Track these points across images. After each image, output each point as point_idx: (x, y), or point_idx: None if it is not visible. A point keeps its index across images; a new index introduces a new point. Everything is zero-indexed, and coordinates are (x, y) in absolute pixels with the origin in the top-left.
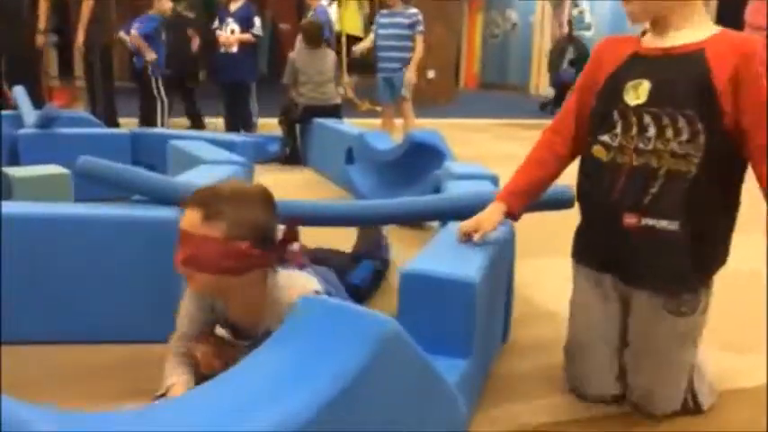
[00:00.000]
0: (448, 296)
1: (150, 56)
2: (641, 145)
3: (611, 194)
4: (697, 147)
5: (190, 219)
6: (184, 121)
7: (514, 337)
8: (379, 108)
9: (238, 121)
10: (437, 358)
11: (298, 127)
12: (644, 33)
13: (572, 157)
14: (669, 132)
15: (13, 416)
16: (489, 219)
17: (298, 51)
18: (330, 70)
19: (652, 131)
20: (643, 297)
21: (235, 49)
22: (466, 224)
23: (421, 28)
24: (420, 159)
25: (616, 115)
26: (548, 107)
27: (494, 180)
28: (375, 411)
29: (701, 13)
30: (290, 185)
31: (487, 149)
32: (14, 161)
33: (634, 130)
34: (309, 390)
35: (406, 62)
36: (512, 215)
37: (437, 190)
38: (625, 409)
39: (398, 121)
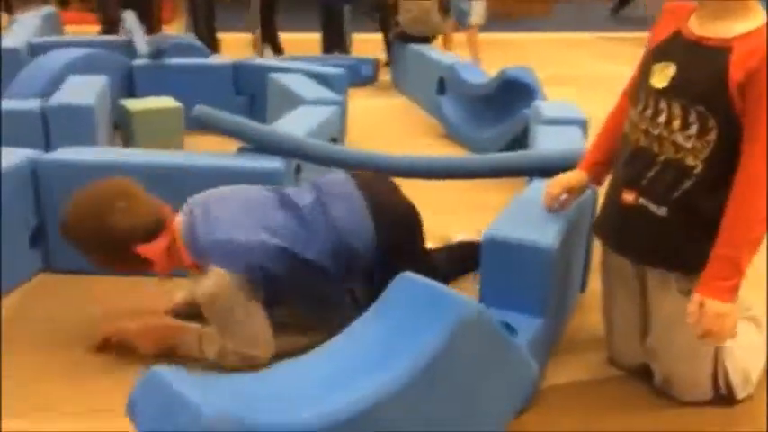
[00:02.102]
0: (526, 260)
1: None
2: (650, 128)
3: (619, 168)
4: (705, 144)
5: None
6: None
7: (593, 286)
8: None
9: (333, 43)
10: (515, 315)
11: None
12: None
13: None
14: (677, 124)
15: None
16: (577, 187)
17: None
18: (432, 5)
19: (663, 118)
20: (655, 275)
21: None
22: (553, 190)
23: None
24: (511, 95)
25: (642, 93)
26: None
27: (582, 125)
28: (456, 381)
29: (747, 3)
30: (381, 112)
31: (583, 70)
32: (130, 91)
33: (649, 112)
34: (396, 364)
35: None
36: (596, 183)
37: (526, 130)
38: None
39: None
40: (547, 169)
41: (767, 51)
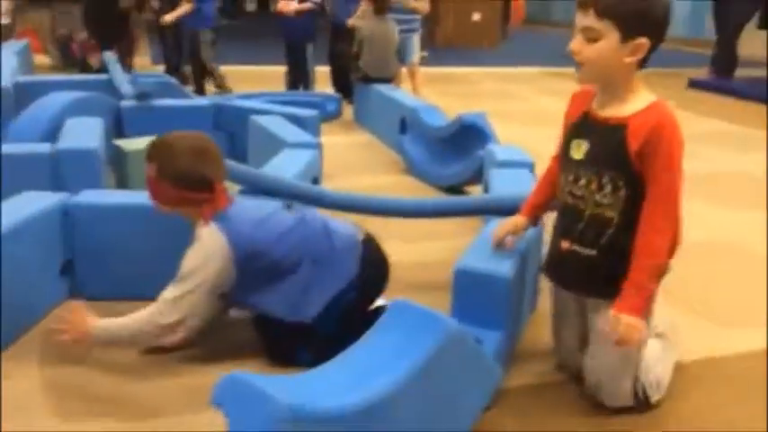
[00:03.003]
0: (489, 286)
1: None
2: (575, 191)
3: (558, 220)
4: (618, 199)
5: None
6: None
7: (542, 306)
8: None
9: (297, 78)
10: (481, 330)
11: (354, 86)
12: None
13: None
14: (594, 186)
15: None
16: (518, 230)
17: (364, 19)
18: (394, 42)
19: (583, 182)
20: (591, 303)
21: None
22: (498, 233)
23: None
24: (468, 137)
25: (566, 163)
26: None
27: (530, 167)
28: (443, 382)
29: (635, 89)
30: (347, 148)
31: (527, 107)
32: (118, 130)
33: (572, 178)
34: (401, 368)
35: (415, 28)
36: (534, 224)
37: (481, 168)
38: None
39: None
40: (501, 211)
41: (655, 126)
